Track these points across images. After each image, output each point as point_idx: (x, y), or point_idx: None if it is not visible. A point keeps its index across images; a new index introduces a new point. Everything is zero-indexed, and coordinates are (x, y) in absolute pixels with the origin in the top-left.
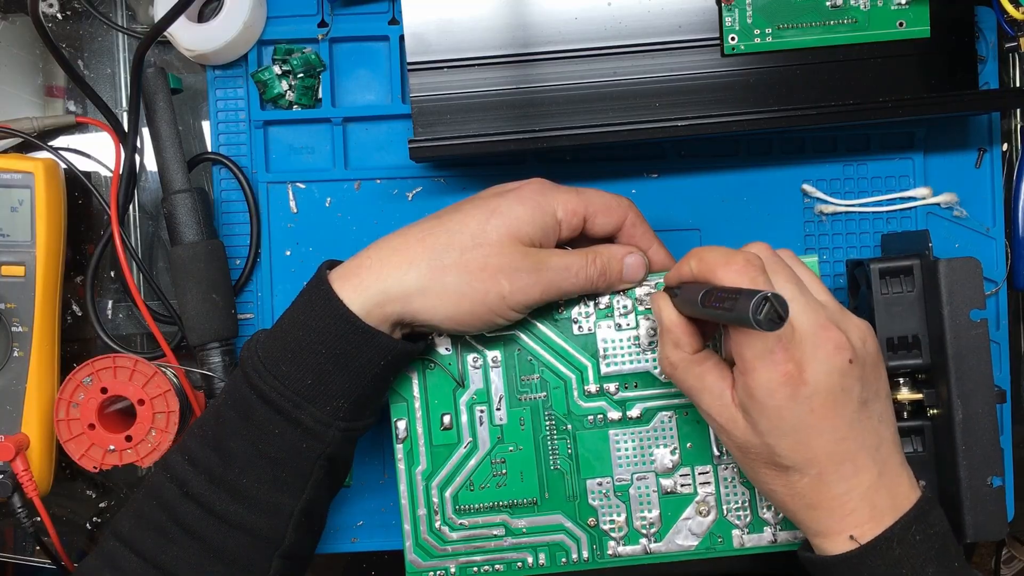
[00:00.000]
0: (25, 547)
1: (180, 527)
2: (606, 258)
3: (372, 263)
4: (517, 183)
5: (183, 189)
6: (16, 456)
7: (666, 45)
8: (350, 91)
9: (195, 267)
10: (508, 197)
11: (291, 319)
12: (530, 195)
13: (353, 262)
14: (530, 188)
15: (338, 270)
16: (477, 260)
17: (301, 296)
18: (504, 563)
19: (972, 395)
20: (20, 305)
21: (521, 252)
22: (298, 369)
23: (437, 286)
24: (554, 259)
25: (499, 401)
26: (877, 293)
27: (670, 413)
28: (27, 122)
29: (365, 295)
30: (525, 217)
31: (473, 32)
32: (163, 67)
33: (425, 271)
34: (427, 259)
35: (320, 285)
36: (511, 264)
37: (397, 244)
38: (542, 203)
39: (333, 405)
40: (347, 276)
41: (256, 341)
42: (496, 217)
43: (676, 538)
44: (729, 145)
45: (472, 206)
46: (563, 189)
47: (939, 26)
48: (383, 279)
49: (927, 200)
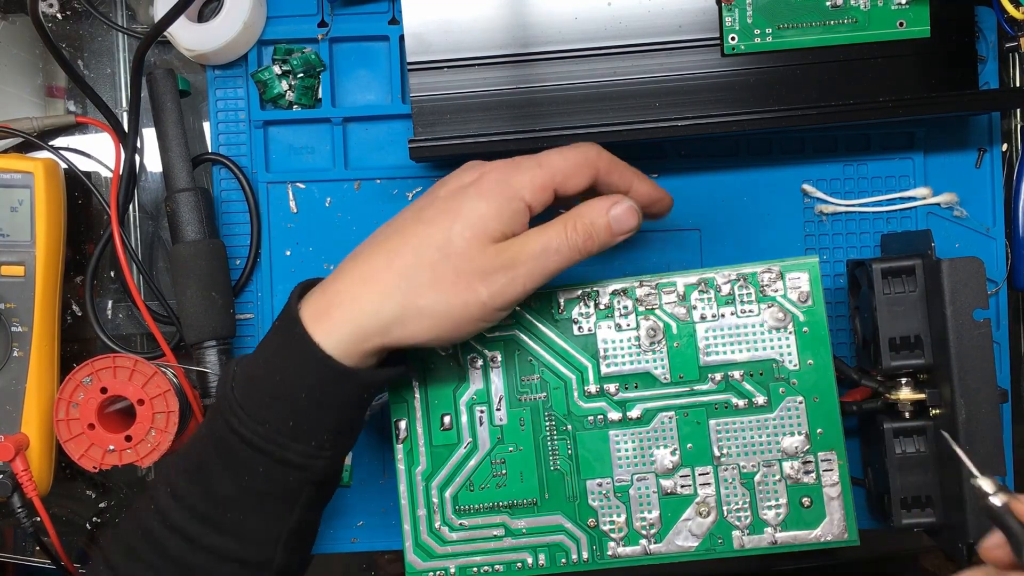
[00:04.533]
0: (25, 547)
1: (170, 561)
2: (588, 220)
3: (343, 299)
4: (474, 171)
5: (187, 188)
6: (16, 456)
7: (666, 45)
8: (350, 91)
9: (196, 265)
10: (468, 194)
11: (266, 361)
12: (490, 186)
13: (324, 297)
14: (489, 179)
15: (310, 307)
16: (449, 274)
17: (275, 334)
18: (504, 563)
19: (975, 395)
20: (20, 305)
21: (493, 252)
22: (278, 414)
23: (414, 312)
24: (530, 245)
25: (499, 401)
26: (879, 293)
27: (670, 414)
28: (27, 122)
29: (340, 335)
30: (490, 213)
31: (473, 32)
32: (172, 68)
33: (399, 299)
34: (398, 285)
35: (293, 327)
36: (484, 268)
37: (365, 272)
38: (505, 191)
39: (317, 439)
40: (319, 316)
41: (232, 378)
42: (459, 222)
43: (676, 539)
44: (729, 145)
45: (434, 211)
46: (523, 166)
47: (939, 26)
48: (357, 316)
49: (927, 200)
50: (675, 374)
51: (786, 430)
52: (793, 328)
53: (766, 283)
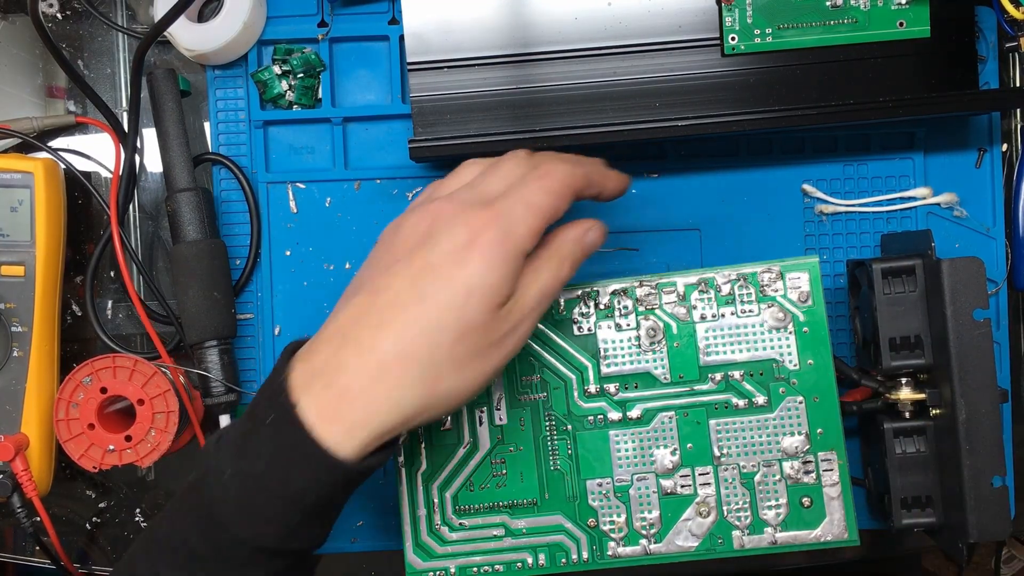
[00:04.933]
0: (25, 547)
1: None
2: (571, 252)
3: (355, 397)
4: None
5: (188, 188)
6: (16, 456)
7: (666, 45)
8: (350, 91)
9: (197, 265)
10: (472, 263)
11: (266, 466)
12: (493, 250)
13: (329, 392)
14: (489, 240)
15: (314, 402)
16: (467, 354)
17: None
18: (504, 563)
19: (975, 395)
20: (20, 305)
21: (504, 316)
22: (287, 518)
23: (435, 400)
24: (529, 296)
25: (499, 401)
26: (879, 293)
27: (670, 414)
28: (27, 122)
29: (358, 440)
30: (500, 281)
31: (473, 32)
32: (173, 68)
33: (419, 392)
34: (416, 378)
35: (296, 429)
36: (497, 336)
37: (374, 363)
38: (510, 253)
39: (324, 528)
40: (330, 418)
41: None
42: (471, 298)
43: (676, 539)
44: (729, 145)
45: (437, 285)
46: (515, 215)
47: (939, 26)
48: (375, 418)
49: (927, 200)
50: (675, 374)
51: (786, 430)
52: (793, 328)
53: (766, 283)
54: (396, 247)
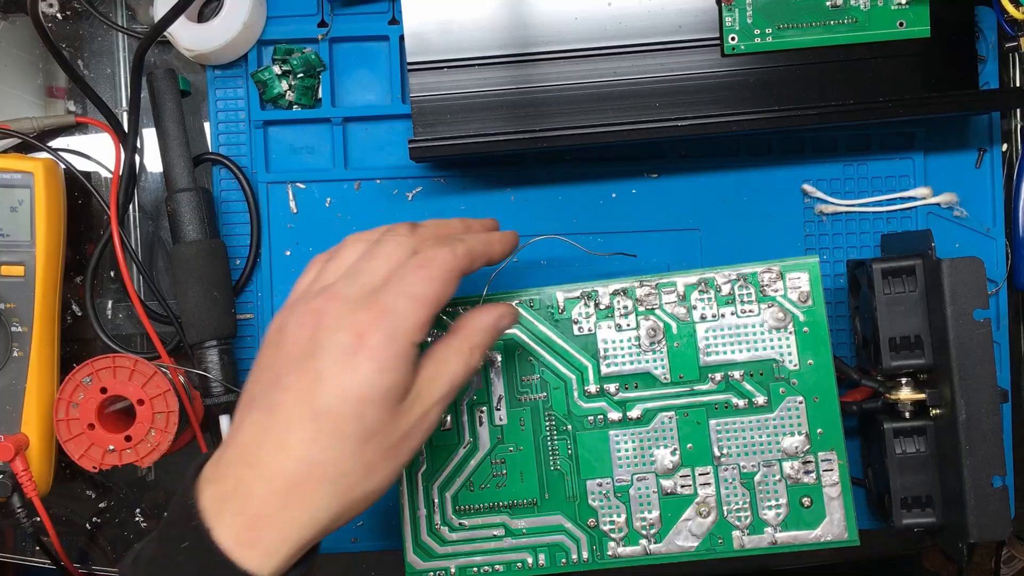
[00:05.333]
0: (25, 547)
1: None
2: (481, 340)
3: (271, 520)
4: (346, 325)
5: (188, 188)
6: (16, 456)
7: (666, 45)
8: (350, 91)
9: (197, 265)
10: (362, 367)
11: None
12: (383, 350)
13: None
14: (376, 341)
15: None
16: (375, 456)
17: (189, 560)
18: (504, 563)
19: (975, 395)
20: (20, 305)
21: (406, 411)
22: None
23: (350, 507)
24: (436, 387)
25: (499, 401)
26: (879, 293)
27: (670, 414)
28: (27, 122)
29: (277, 557)
30: (395, 381)
31: (473, 32)
32: (173, 68)
33: (334, 503)
34: (329, 490)
35: (213, 556)
36: (403, 430)
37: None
38: (401, 350)
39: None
40: (248, 542)
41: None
42: (369, 405)
43: (676, 539)
44: (729, 145)
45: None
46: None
47: (939, 26)
48: (291, 535)
49: (927, 200)
50: (675, 374)
51: (786, 430)
52: (793, 328)
53: (766, 283)
54: (283, 354)
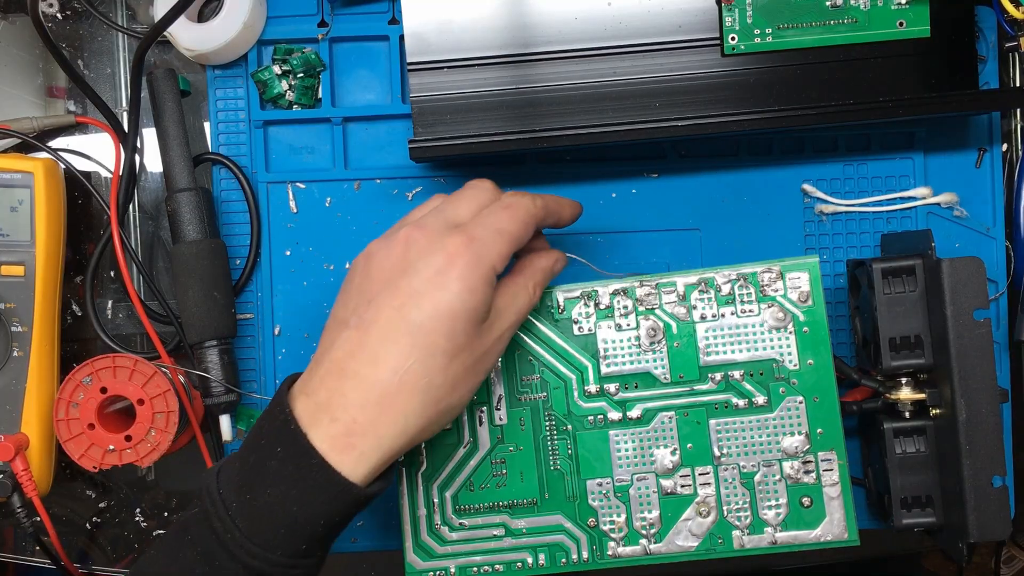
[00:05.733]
0: (25, 547)
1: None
2: (543, 278)
3: (363, 428)
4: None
5: (188, 188)
6: (16, 456)
7: (666, 45)
8: (350, 91)
9: (197, 265)
10: (452, 286)
11: (277, 493)
12: (470, 272)
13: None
14: (464, 262)
15: (323, 434)
16: (460, 372)
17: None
18: (504, 563)
19: (975, 395)
20: (20, 305)
21: (485, 332)
22: (294, 543)
23: (437, 418)
24: (507, 315)
25: (499, 401)
26: (879, 293)
27: (670, 414)
28: (27, 122)
29: (369, 464)
30: (479, 302)
31: (473, 32)
32: (173, 68)
33: (421, 414)
34: (418, 403)
35: (310, 458)
36: (482, 350)
37: (374, 395)
38: (485, 275)
39: (324, 553)
40: (341, 447)
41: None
42: (457, 320)
43: (676, 539)
44: (729, 145)
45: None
46: (488, 239)
47: (939, 26)
48: (384, 443)
49: (927, 200)
50: (675, 374)
51: (786, 430)
52: (793, 328)
53: (766, 283)
54: (374, 276)
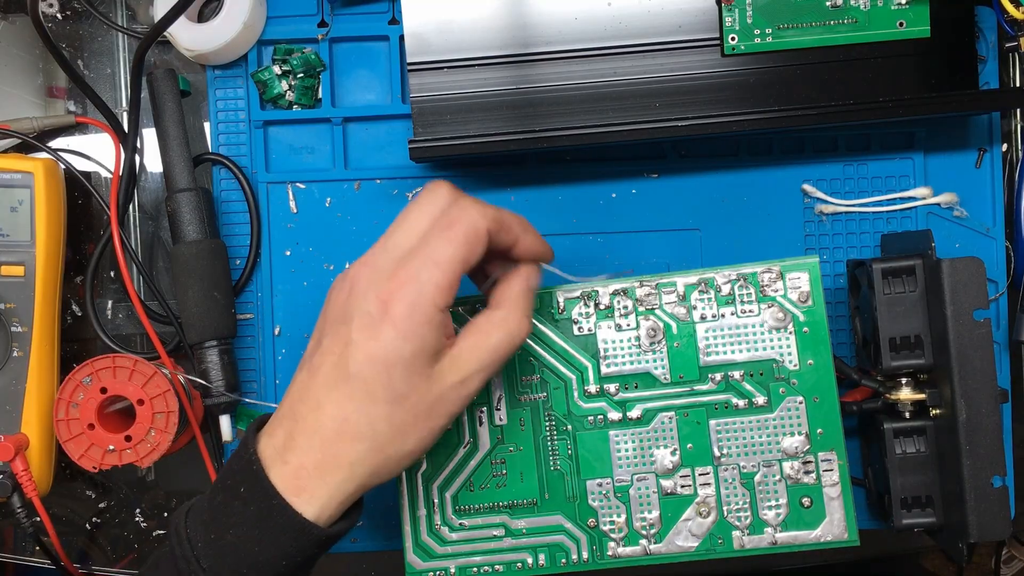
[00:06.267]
0: (25, 547)
1: None
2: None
3: (310, 469)
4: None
5: (188, 188)
6: (16, 456)
7: (666, 45)
8: (350, 91)
9: (197, 265)
10: (384, 334)
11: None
12: (404, 318)
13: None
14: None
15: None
16: (407, 419)
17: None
18: (504, 564)
19: (975, 395)
20: (20, 305)
21: (440, 375)
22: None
23: (383, 463)
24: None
25: (499, 401)
26: (879, 293)
27: (670, 414)
28: (27, 122)
29: (319, 505)
30: (418, 347)
31: (473, 32)
32: (173, 69)
33: (368, 462)
34: (363, 450)
35: (269, 497)
36: (439, 397)
37: (320, 445)
38: (422, 316)
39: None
40: (295, 489)
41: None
42: (395, 368)
43: (676, 539)
44: (729, 145)
45: (360, 363)
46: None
47: (939, 26)
48: (330, 487)
49: (927, 200)
50: (675, 374)
51: (786, 430)
52: (793, 328)
53: (766, 283)
54: (328, 316)
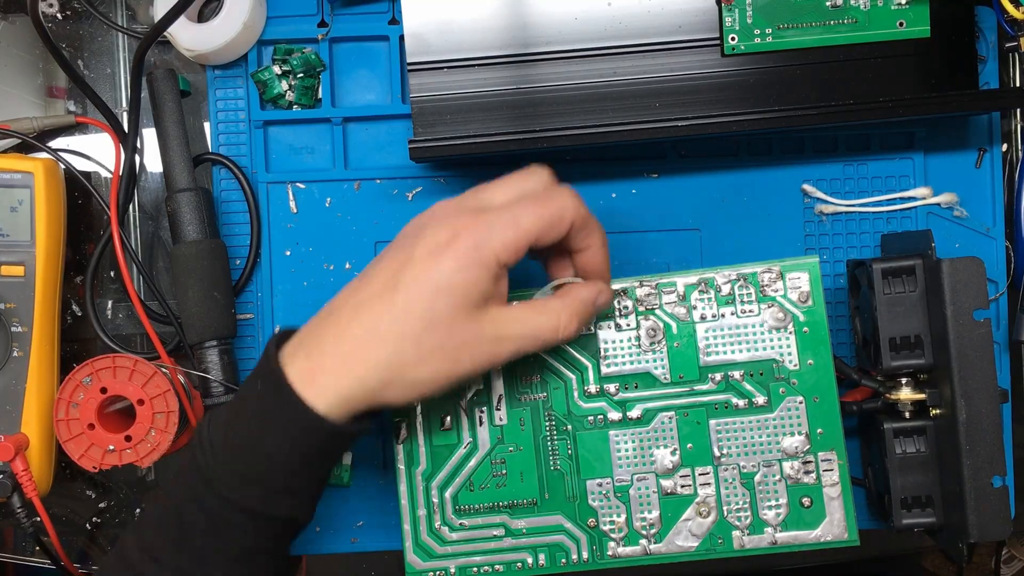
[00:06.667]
0: (25, 547)
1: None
2: (581, 312)
3: (329, 365)
4: (447, 226)
5: (188, 188)
6: (16, 456)
7: (666, 45)
8: (350, 91)
9: (198, 265)
10: (445, 260)
11: (255, 424)
12: (467, 252)
13: (309, 361)
14: (464, 243)
15: (295, 368)
16: (434, 348)
17: (261, 398)
18: (504, 564)
19: (975, 395)
20: (20, 305)
21: (479, 322)
22: (271, 476)
23: (398, 381)
24: (520, 324)
25: (499, 401)
26: (879, 293)
27: (670, 414)
28: (27, 122)
29: (328, 399)
30: (469, 281)
31: (473, 32)
32: (173, 69)
33: (384, 370)
34: (384, 357)
35: (281, 390)
36: (470, 340)
37: (349, 340)
38: (482, 257)
39: (306, 494)
40: (307, 380)
41: (209, 442)
42: (440, 293)
43: (676, 539)
44: (729, 145)
45: (411, 277)
46: (498, 225)
47: (939, 26)
48: (343, 384)
49: (927, 200)
50: (675, 374)
51: (786, 430)
52: (793, 328)
53: (766, 283)
54: (401, 235)
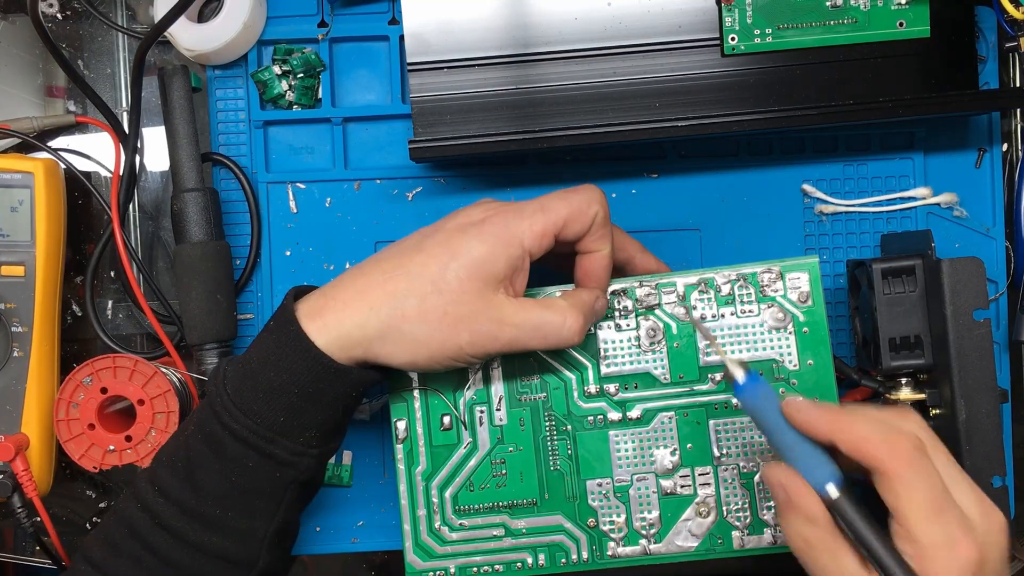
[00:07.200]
0: (25, 547)
1: (154, 555)
2: (584, 305)
3: (335, 304)
4: (482, 209)
5: (197, 188)
6: (16, 456)
7: (666, 45)
8: (350, 91)
9: (202, 266)
10: (470, 234)
11: (261, 356)
12: (492, 230)
13: (319, 300)
14: (492, 222)
15: (305, 306)
16: (436, 309)
17: (269, 332)
18: (504, 563)
19: (975, 395)
20: (20, 305)
21: (485, 300)
22: (270, 408)
23: (395, 334)
24: (524, 315)
25: (499, 402)
26: (879, 293)
27: (670, 414)
28: (27, 122)
29: (328, 336)
30: (488, 257)
31: (473, 32)
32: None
33: (384, 318)
34: (387, 305)
35: (289, 324)
36: (472, 314)
37: (361, 286)
38: (505, 237)
39: (306, 436)
40: (313, 315)
41: (223, 375)
42: (457, 260)
43: (676, 539)
44: (729, 145)
45: (435, 243)
46: (527, 212)
47: (939, 26)
48: (344, 322)
49: (927, 200)
50: (675, 374)
51: None
52: (793, 328)
53: (766, 283)
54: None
